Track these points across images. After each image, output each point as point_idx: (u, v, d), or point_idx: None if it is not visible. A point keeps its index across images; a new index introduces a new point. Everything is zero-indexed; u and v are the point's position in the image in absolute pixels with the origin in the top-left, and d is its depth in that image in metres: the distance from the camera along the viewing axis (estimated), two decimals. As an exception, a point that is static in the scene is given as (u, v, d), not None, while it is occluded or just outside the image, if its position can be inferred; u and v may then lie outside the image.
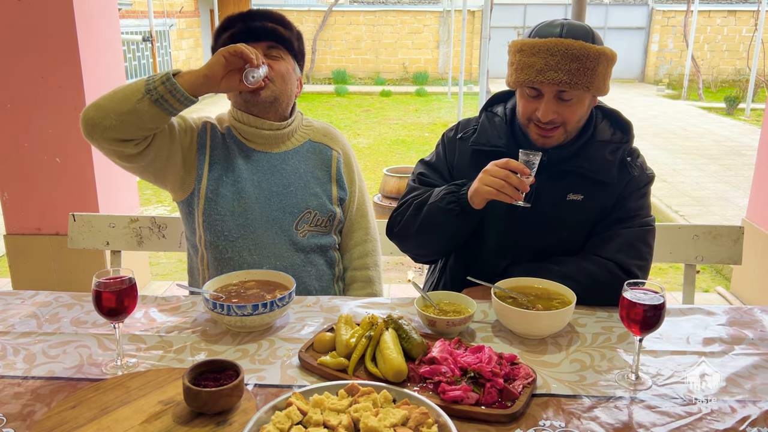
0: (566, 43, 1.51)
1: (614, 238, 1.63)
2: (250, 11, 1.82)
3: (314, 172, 1.87)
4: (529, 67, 1.53)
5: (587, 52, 1.51)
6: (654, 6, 18.25)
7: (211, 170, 1.78)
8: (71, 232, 2.12)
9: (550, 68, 1.51)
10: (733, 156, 8.97)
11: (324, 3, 18.63)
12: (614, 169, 1.64)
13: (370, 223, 1.99)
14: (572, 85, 1.51)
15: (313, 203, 1.82)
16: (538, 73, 1.52)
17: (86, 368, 1.30)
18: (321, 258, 1.85)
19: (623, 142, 1.68)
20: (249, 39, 1.75)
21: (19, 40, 3.12)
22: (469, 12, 17.35)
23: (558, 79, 1.51)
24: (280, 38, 1.80)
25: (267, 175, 1.80)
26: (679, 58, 18.14)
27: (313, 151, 1.90)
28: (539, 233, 1.67)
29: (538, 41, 1.53)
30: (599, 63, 1.53)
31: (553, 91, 1.55)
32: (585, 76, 1.52)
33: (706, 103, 14.40)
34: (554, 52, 1.51)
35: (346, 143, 1.99)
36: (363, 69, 18.50)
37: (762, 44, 12.61)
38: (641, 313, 1.22)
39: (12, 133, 3.26)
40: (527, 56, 1.54)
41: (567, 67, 1.50)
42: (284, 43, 1.81)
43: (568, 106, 1.57)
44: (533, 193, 1.64)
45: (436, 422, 1.07)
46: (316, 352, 1.35)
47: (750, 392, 1.23)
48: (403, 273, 4.68)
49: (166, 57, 14.08)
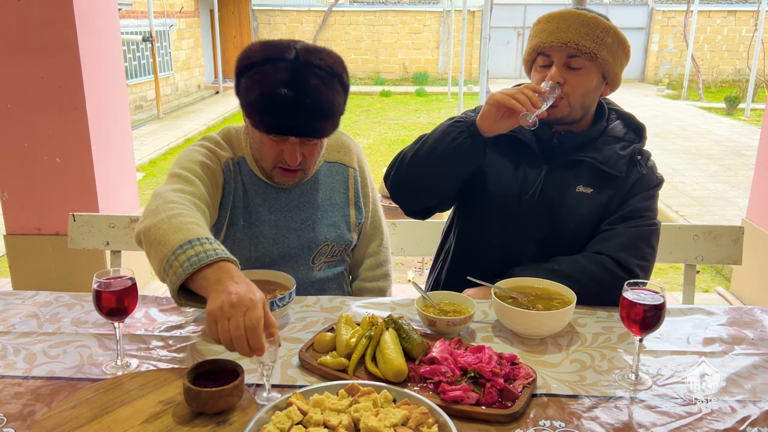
0: (579, 11, 1.61)
1: (617, 237, 1.63)
2: (297, 99, 1.47)
3: (332, 198, 1.77)
4: (542, 31, 1.63)
5: (598, 22, 1.60)
6: (654, 6, 18.25)
7: (232, 215, 1.67)
8: (71, 232, 2.12)
9: (561, 30, 1.59)
10: (733, 156, 8.97)
11: (324, 3, 18.63)
12: (624, 163, 1.66)
13: (384, 234, 1.91)
14: (580, 48, 1.57)
15: (331, 235, 1.74)
16: (549, 35, 1.60)
17: (86, 368, 1.30)
18: (333, 284, 1.80)
19: (635, 141, 1.71)
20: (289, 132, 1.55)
21: (19, 40, 3.12)
22: (469, 12, 17.34)
23: (566, 39, 1.58)
24: (324, 132, 1.58)
25: (285, 212, 1.70)
26: (679, 58, 18.14)
27: (330, 174, 1.78)
28: (546, 223, 1.67)
29: (555, 11, 1.64)
30: (608, 35, 1.59)
31: (562, 57, 1.60)
32: (594, 42, 1.58)
33: (706, 103, 14.40)
34: (566, 17, 1.60)
35: (357, 149, 1.87)
36: (363, 69, 18.50)
37: (762, 44, 12.61)
38: (641, 313, 1.22)
39: (12, 133, 3.26)
40: (542, 26, 1.64)
41: (577, 30, 1.58)
42: (325, 134, 1.60)
43: (576, 75, 1.61)
44: (541, 182, 1.66)
45: (436, 422, 1.07)
46: (316, 352, 1.35)
47: (750, 392, 1.23)
48: (403, 273, 4.68)
49: (166, 57, 14.08)
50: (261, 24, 18.38)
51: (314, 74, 1.50)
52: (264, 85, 1.49)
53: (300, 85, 1.48)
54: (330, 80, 1.53)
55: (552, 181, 1.67)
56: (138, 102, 12.41)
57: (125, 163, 3.72)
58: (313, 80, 1.49)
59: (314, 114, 1.51)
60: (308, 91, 1.49)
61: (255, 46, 1.55)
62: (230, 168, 1.67)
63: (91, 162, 3.31)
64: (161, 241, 1.29)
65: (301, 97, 1.48)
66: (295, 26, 18.35)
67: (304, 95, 1.48)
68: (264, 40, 1.57)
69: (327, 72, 1.52)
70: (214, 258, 1.22)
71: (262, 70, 1.50)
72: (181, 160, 1.63)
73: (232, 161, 1.69)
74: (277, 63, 1.49)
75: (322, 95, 1.50)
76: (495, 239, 1.72)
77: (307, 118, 1.51)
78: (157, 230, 1.32)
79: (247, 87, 1.52)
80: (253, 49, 1.54)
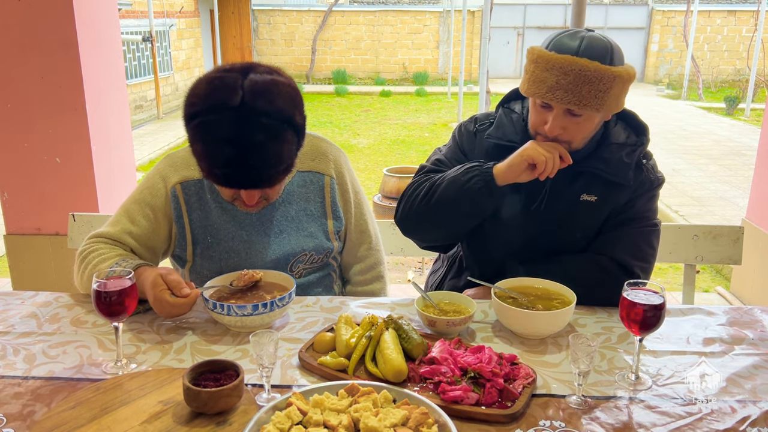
0: (580, 64, 1.46)
1: (619, 238, 1.63)
2: (241, 157, 1.39)
3: (307, 209, 1.71)
4: (541, 82, 1.51)
5: (601, 75, 1.47)
6: (654, 6, 18.25)
7: (194, 234, 1.66)
8: (71, 232, 2.12)
9: (560, 87, 1.48)
10: (733, 156, 8.97)
11: (324, 3, 18.63)
12: (630, 171, 1.63)
13: (372, 237, 1.85)
14: (581, 106, 1.49)
15: (309, 245, 1.70)
16: (548, 90, 1.50)
17: (86, 368, 1.30)
18: (317, 287, 1.76)
19: (638, 144, 1.66)
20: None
21: (19, 40, 3.12)
22: (469, 12, 17.34)
23: (567, 100, 1.48)
24: (274, 182, 1.50)
25: (256, 227, 1.66)
26: (679, 58, 18.13)
27: (304, 183, 1.71)
28: (551, 234, 1.67)
29: (553, 57, 1.49)
30: (613, 86, 1.49)
31: (562, 107, 1.52)
32: (596, 99, 1.48)
33: (706, 103, 14.40)
34: (567, 72, 1.47)
35: (336, 153, 1.79)
36: (363, 69, 18.50)
37: (762, 44, 12.60)
38: (641, 314, 1.22)
39: (12, 133, 3.25)
40: (541, 70, 1.51)
41: (578, 90, 1.47)
42: (276, 183, 1.51)
43: (576, 123, 1.54)
44: (546, 193, 1.65)
45: (436, 422, 1.07)
46: (316, 352, 1.35)
47: (750, 392, 1.23)
48: (403, 273, 4.68)
49: (166, 57, 14.08)
50: (261, 24, 18.38)
51: (260, 126, 1.38)
52: (206, 142, 1.41)
53: (244, 141, 1.38)
54: (279, 130, 1.41)
55: (557, 192, 1.65)
56: (138, 102, 12.40)
57: (125, 163, 3.72)
58: (258, 135, 1.38)
59: (261, 169, 1.43)
60: (253, 147, 1.38)
61: (199, 88, 1.42)
62: (183, 191, 1.65)
63: (90, 162, 3.31)
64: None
65: (245, 155, 1.38)
66: (295, 26, 18.35)
67: (248, 153, 1.38)
68: (211, 77, 1.43)
69: (276, 118, 1.40)
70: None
71: (205, 122, 1.39)
72: (126, 202, 1.68)
73: (188, 182, 1.65)
74: (221, 113, 1.38)
75: (268, 150, 1.40)
76: (500, 251, 1.71)
77: (254, 174, 1.43)
78: (83, 286, 1.60)
79: (192, 138, 1.45)
80: (198, 93, 1.42)
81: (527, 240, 1.68)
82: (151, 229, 1.64)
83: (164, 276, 1.44)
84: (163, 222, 1.65)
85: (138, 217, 1.64)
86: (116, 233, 1.62)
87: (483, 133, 1.74)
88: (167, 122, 11.97)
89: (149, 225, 1.64)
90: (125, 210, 1.66)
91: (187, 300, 1.43)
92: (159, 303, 1.41)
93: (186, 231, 1.66)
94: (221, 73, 1.43)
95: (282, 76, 1.47)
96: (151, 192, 1.66)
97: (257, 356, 1.15)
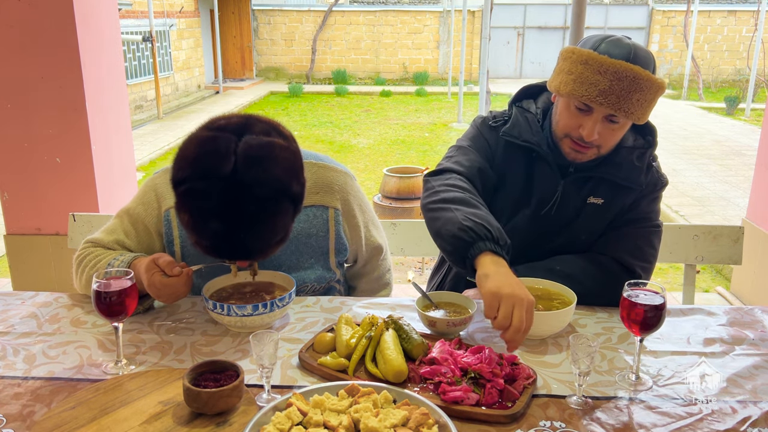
0: (635, 71, 1.44)
1: (621, 238, 1.63)
2: (230, 232, 1.29)
3: (308, 242, 1.63)
4: (592, 84, 1.46)
5: (651, 84, 1.46)
6: (654, 6, 18.25)
7: (185, 260, 1.59)
8: (71, 232, 2.12)
9: (613, 92, 1.44)
10: (733, 156, 8.97)
11: (324, 3, 18.62)
12: (642, 174, 1.63)
13: (383, 248, 1.81)
14: (628, 114, 1.46)
15: (310, 278, 1.65)
16: (600, 94, 1.45)
17: (86, 369, 1.30)
18: None
19: (647, 146, 1.65)
20: None
21: (19, 40, 3.12)
22: (469, 12, 17.34)
23: (618, 106, 1.45)
24: (267, 255, 1.41)
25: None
26: (679, 58, 18.13)
27: (307, 219, 1.62)
28: (557, 236, 1.67)
29: (608, 60, 1.45)
30: (657, 96, 1.49)
31: (604, 112, 1.49)
32: (642, 108, 1.47)
33: (706, 103, 14.41)
34: (622, 77, 1.44)
35: (342, 181, 1.67)
36: (363, 69, 18.50)
37: (762, 44, 12.61)
38: (642, 314, 1.22)
39: (12, 133, 3.25)
40: (592, 72, 1.46)
41: (630, 96, 1.44)
42: (269, 255, 1.42)
43: (611, 130, 1.52)
44: (558, 198, 1.64)
45: (436, 423, 1.07)
46: (316, 352, 1.35)
47: (751, 393, 1.23)
48: (403, 273, 4.68)
49: (166, 57, 14.08)
50: (261, 24, 18.38)
51: (253, 198, 1.26)
52: (193, 214, 1.29)
53: (234, 215, 1.26)
54: (273, 201, 1.29)
55: (568, 195, 1.65)
56: (138, 102, 12.40)
57: (125, 163, 3.72)
58: (250, 207, 1.27)
59: (253, 244, 1.32)
60: (244, 221, 1.27)
61: (189, 149, 1.30)
62: (170, 220, 1.60)
63: (91, 162, 3.31)
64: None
65: (235, 231, 1.28)
66: (295, 26, 18.35)
67: (238, 227, 1.28)
68: (203, 137, 1.30)
69: (271, 189, 1.28)
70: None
71: (193, 190, 1.27)
72: (123, 210, 1.64)
73: (173, 211, 1.58)
74: (211, 181, 1.25)
75: (260, 224, 1.29)
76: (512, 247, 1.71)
77: (245, 249, 1.33)
78: (83, 289, 1.59)
79: (179, 206, 1.32)
80: (187, 155, 1.30)
81: (530, 242, 1.68)
82: (145, 243, 1.63)
83: (156, 260, 1.42)
84: (156, 239, 1.63)
85: (131, 230, 1.61)
86: (110, 243, 1.60)
87: (498, 130, 1.71)
88: (167, 122, 11.97)
89: (142, 240, 1.62)
90: (120, 221, 1.63)
91: (179, 279, 1.40)
92: (153, 286, 1.40)
93: (176, 256, 1.61)
94: (214, 132, 1.30)
95: (281, 136, 1.35)
96: (145, 209, 1.61)
97: (257, 357, 1.15)
